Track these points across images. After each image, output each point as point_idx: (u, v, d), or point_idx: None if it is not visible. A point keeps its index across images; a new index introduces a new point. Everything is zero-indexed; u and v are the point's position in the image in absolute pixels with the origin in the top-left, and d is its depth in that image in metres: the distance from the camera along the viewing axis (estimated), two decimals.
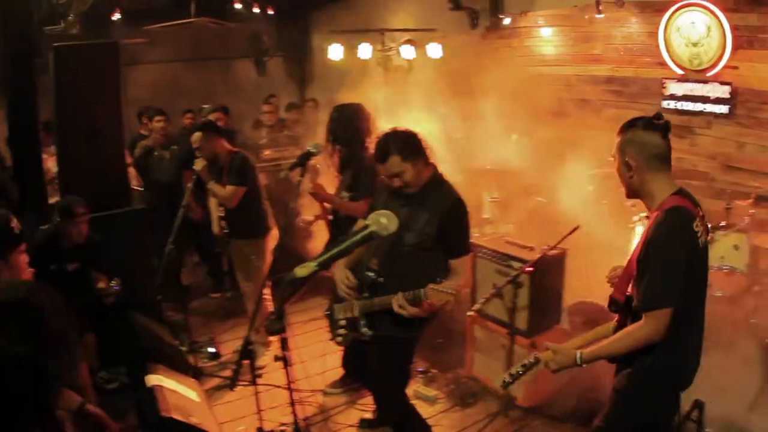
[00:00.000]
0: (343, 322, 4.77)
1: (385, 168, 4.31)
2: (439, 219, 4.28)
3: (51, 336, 1.92)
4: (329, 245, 3.36)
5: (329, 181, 6.12)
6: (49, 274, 5.38)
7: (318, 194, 5.91)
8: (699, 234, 3.39)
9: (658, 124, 3.39)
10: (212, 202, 7.05)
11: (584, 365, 3.43)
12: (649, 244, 3.31)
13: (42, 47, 7.40)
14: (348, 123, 5.73)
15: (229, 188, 6.51)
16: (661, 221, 3.30)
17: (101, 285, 5.85)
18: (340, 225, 5.95)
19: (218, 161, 6.64)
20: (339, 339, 4.87)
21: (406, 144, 4.31)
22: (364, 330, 4.60)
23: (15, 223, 3.66)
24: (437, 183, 4.44)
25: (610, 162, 3.65)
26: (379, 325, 4.55)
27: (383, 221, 3.39)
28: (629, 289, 3.52)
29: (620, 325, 3.57)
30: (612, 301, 3.61)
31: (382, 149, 4.31)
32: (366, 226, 3.40)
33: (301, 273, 3.11)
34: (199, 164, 6.53)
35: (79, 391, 4.93)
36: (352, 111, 5.84)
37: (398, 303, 4.24)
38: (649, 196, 3.46)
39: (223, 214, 6.82)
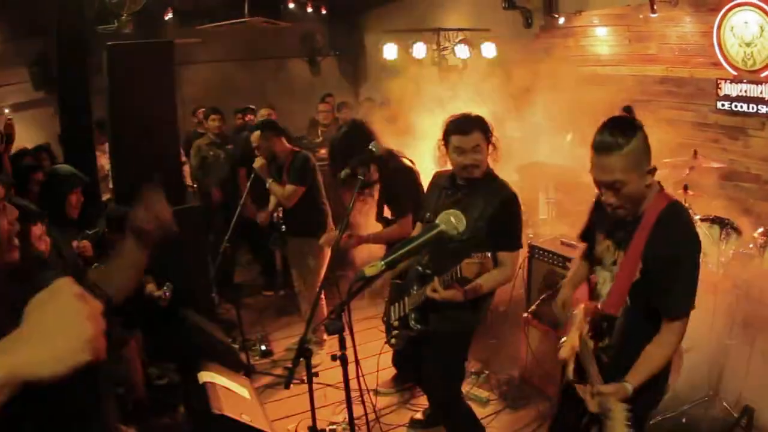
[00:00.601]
0: (396, 323, 4.78)
1: (464, 140, 4.29)
2: (492, 211, 4.29)
3: None
4: (397, 245, 3.34)
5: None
6: None
7: (350, 244, 5.84)
8: None
9: None
10: (272, 201, 7.07)
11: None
12: (664, 245, 3.12)
13: (94, 47, 7.48)
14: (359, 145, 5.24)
15: (288, 188, 6.52)
16: (673, 220, 3.17)
17: (150, 286, 5.89)
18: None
19: (277, 160, 6.67)
20: (393, 341, 4.86)
21: (487, 126, 4.39)
22: (413, 324, 4.60)
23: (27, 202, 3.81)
24: (490, 178, 4.46)
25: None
26: (432, 322, 4.55)
27: (453, 220, 3.39)
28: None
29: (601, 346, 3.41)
30: (605, 318, 3.36)
31: (467, 122, 4.34)
32: (435, 226, 3.39)
33: (369, 272, 3.11)
34: (258, 162, 6.57)
35: (131, 386, 5.02)
36: (365, 132, 5.61)
37: (432, 287, 4.26)
38: (643, 198, 3.23)
39: (281, 214, 6.86)
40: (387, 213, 5.84)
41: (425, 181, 5.24)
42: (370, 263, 3.16)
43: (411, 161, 5.74)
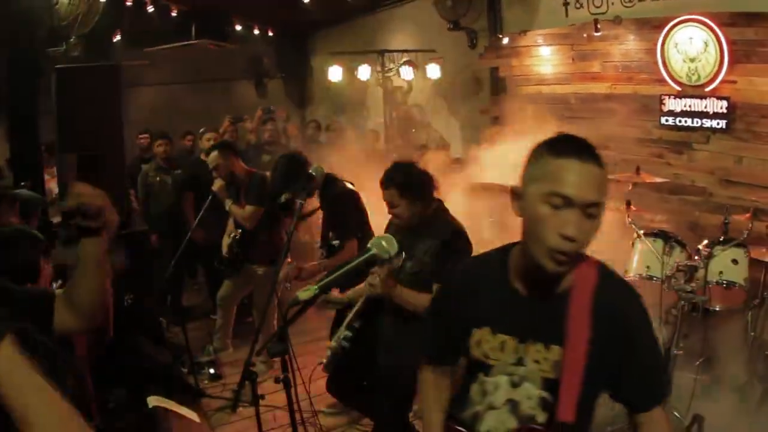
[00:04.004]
0: (333, 344, 4.77)
1: (383, 194, 4.45)
2: (437, 248, 4.33)
3: None
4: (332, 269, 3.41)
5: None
6: None
7: (303, 275, 5.85)
8: None
9: None
10: (229, 225, 7.04)
11: None
12: (615, 323, 2.24)
13: (45, 68, 7.42)
14: (297, 173, 5.52)
15: (248, 209, 6.54)
16: (616, 287, 2.36)
17: None
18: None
19: (235, 181, 6.67)
20: (324, 361, 4.84)
21: (408, 181, 4.41)
22: (342, 342, 4.63)
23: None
24: (439, 214, 4.54)
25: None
26: (380, 356, 4.65)
27: (384, 244, 3.47)
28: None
29: None
30: (559, 427, 2.19)
31: (386, 177, 4.45)
32: (368, 250, 3.45)
33: (303, 296, 3.12)
34: (217, 185, 6.57)
35: (86, 405, 4.94)
36: (297, 161, 5.89)
37: (368, 281, 4.42)
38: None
39: (238, 237, 6.81)
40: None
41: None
42: (304, 288, 3.18)
43: (351, 183, 5.82)
